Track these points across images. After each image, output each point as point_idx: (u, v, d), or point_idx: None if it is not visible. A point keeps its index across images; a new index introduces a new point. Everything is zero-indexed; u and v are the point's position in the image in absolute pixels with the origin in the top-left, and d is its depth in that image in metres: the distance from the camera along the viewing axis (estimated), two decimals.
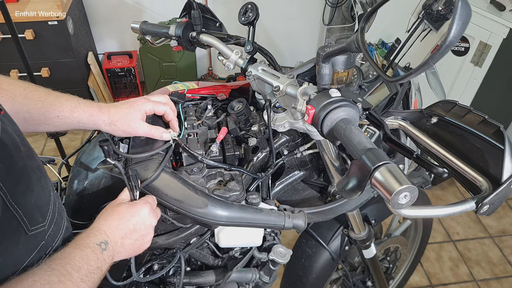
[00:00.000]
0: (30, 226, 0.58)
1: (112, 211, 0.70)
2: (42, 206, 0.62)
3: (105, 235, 0.66)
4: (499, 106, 2.31)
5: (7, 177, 0.53)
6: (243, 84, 1.06)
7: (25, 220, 0.57)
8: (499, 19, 1.93)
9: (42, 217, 0.61)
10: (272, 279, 0.99)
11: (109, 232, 0.67)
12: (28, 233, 0.58)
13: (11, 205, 0.54)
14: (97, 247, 0.63)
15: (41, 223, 0.61)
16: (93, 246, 0.62)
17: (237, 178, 0.86)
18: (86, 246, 0.62)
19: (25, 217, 0.57)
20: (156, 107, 0.85)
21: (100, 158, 0.90)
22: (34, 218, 0.59)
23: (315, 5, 3.21)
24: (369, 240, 1.25)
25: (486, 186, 0.64)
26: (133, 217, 0.70)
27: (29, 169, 0.59)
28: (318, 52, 0.74)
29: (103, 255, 0.63)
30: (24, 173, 0.58)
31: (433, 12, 1.16)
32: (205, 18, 1.10)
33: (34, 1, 2.53)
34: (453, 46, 0.50)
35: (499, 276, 2.14)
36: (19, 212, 0.55)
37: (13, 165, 0.55)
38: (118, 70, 2.99)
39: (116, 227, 0.68)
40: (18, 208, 0.55)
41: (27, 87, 0.76)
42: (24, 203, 0.57)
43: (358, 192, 0.62)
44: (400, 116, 0.84)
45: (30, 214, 0.58)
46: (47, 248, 0.63)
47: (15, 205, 0.54)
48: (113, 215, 0.69)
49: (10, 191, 0.53)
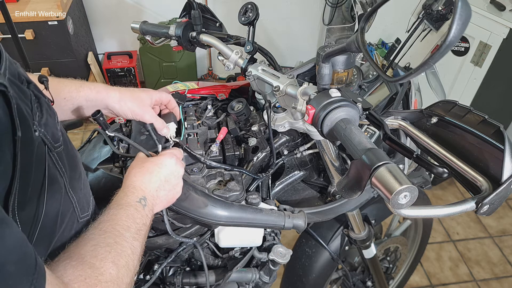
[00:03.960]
0: (81, 214, 0.60)
1: (141, 167, 0.70)
2: (87, 195, 0.65)
3: (141, 191, 0.66)
4: (499, 106, 2.31)
5: (67, 162, 0.55)
6: (243, 84, 1.06)
7: (78, 207, 0.59)
8: (499, 19, 1.93)
9: (87, 206, 0.64)
10: (272, 279, 0.99)
11: (144, 187, 0.67)
12: (79, 220, 0.60)
13: (69, 190, 0.56)
14: (138, 204, 0.64)
15: (87, 212, 0.64)
16: (135, 204, 0.64)
17: (237, 178, 0.86)
18: (129, 205, 0.63)
19: (78, 204, 0.59)
20: (163, 96, 0.87)
21: (100, 158, 0.90)
22: (83, 206, 0.62)
23: (315, 5, 3.21)
24: (369, 240, 1.25)
25: (486, 186, 0.64)
26: (162, 169, 0.71)
27: (78, 159, 0.62)
28: (318, 52, 0.74)
29: (145, 211, 0.65)
30: (76, 161, 0.60)
31: (433, 12, 1.16)
32: (205, 18, 1.10)
33: (34, 1, 2.53)
34: (453, 46, 0.50)
35: (499, 276, 2.14)
36: (74, 198, 0.57)
37: (69, 152, 0.58)
38: (118, 70, 2.99)
39: (149, 181, 0.68)
40: (73, 194, 0.57)
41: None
42: (77, 190, 0.59)
43: (358, 192, 0.62)
44: (400, 116, 0.84)
45: (81, 201, 0.61)
46: None
47: (71, 191, 0.57)
48: (143, 170, 0.69)
49: (68, 176, 0.56)
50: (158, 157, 0.73)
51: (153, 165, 0.71)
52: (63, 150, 0.55)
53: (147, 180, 0.68)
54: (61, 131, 0.56)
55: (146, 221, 0.64)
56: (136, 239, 0.59)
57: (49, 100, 0.56)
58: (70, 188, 0.57)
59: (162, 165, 0.71)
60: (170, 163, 0.72)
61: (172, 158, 0.73)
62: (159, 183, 0.69)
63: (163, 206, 0.73)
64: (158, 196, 0.69)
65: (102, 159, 0.88)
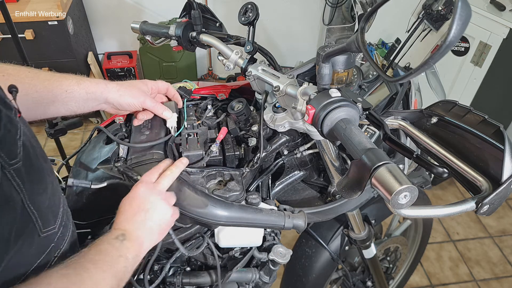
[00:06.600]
0: (43, 228, 0.58)
1: (122, 206, 0.71)
2: (54, 208, 0.63)
3: (118, 230, 0.66)
4: (499, 106, 2.31)
5: (27, 177, 0.54)
6: (243, 84, 1.06)
7: (39, 222, 0.57)
8: (499, 19, 1.93)
9: (54, 219, 0.62)
10: (272, 279, 0.99)
11: (119, 226, 0.67)
12: (41, 234, 0.58)
13: (28, 206, 0.54)
14: (114, 241, 0.63)
15: (53, 225, 0.62)
16: (109, 240, 0.63)
17: (237, 178, 0.86)
18: (101, 243, 0.62)
19: (40, 218, 0.57)
20: (159, 83, 0.90)
21: (100, 158, 0.90)
22: (47, 219, 0.60)
23: (315, 5, 3.21)
24: (369, 240, 1.25)
25: (486, 186, 0.64)
26: (132, 202, 0.70)
27: (45, 171, 0.60)
28: (318, 52, 0.74)
29: (124, 244, 0.64)
30: (41, 174, 0.59)
31: (433, 12, 1.16)
32: (205, 18, 1.10)
33: (34, 1, 2.53)
34: (453, 46, 0.50)
35: (499, 276, 2.14)
36: (34, 213, 0.56)
37: (32, 166, 0.56)
38: (118, 70, 2.99)
39: (123, 219, 0.68)
40: (34, 209, 0.55)
41: (31, 70, 0.78)
42: (40, 204, 0.57)
43: (358, 192, 0.62)
44: (400, 116, 0.84)
45: (44, 215, 0.59)
46: (56, 250, 0.63)
47: (31, 206, 0.55)
48: (117, 214, 0.70)
49: (29, 191, 0.54)
50: (130, 191, 0.72)
51: (130, 200, 0.70)
52: (23, 164, 0.53)
53: (127, 217, 0.68)
54: (23, 145, 0.53)
55: (127, 253, 0.63)
56: (104, 271, 0.58)
57: (16, 111, 0.54)
58: (30, 204, 0.54)
59: (136, 195, 0.70)
60: (141, 191, 0.71)
61: (140, 185, 0.72)
62: (140, 216, 0.69)
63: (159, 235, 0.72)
64: (145, 227, 0.69)
65: (102, 159, 0.88)
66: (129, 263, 0.63)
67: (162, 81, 0.91)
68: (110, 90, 0.82)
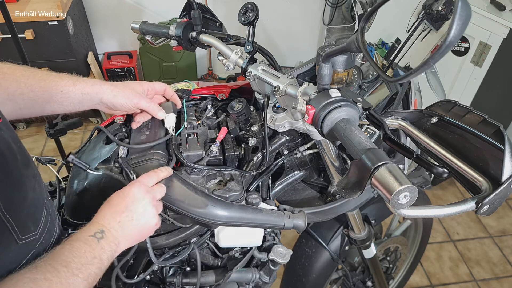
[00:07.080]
0: (21, 235, 0.57)
1: (111, 199, 0.69)
2: (35, 214, 0.61)
3: (98, 225, 0.64)
4: (499, 106, 2.31)
5: (2, 185, 0.53)
6: (243, 84, 1.06)
7: (16, 229, 0.56)
8: (499, 19, 1.93)
9: (34, 226, 0.61)
10: (272, 279, 0.99)
11: (102, 220, 0.65)
12: (19, 242, 0.57)
13: (3, 214, 0.53)
14: (90, 238, 0.61)
15: (33, 232, 0.60)
16: (85, 238, 0.61)
17: (237, 178, 0.86)
18: (76, 240, 0.60)
19: (17, 226, 0.56)
20: (156, 84, 0.90)
21: (100, 158, 0.90)
22: (26, 227, 0.58)
23: (315, 5, 3.21)
24: (369, 240, 1.25)
25: (486, 186, 0.64)
26: (123, 199, 0.68)
27: (24, 178, 0.59)
28: (318, 52, 0.74)
29: (100, 244, 0.62)
30: (19, 182, 0.57)
31: (433, 12, 1.16)
32: (205, 18, 1.10)
33: (34, 1, 2.53)
34: (453, 46, 0.50)
35: (499, 276, 2.14)
36: (10, 221, 0.54)
37: (9, 174, 0.55)
38: (118, 70, 2.99)
39: (109, 214, 0.66)
40: (10, 218, 0.54)
41: (28, 69, 0.78)
42: (17, 212, 0.56)
43: (358, 192, 0.62)
44: (400, 116, 0.84)
45: (22, 222, 0.57)
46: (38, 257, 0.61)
47: (7, 214, 0.54)
48: (104, 205, 0.68)
49: (4, 200, 0.53)
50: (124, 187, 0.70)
51: (114, 197, 0.69)
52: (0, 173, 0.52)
53: (107, 213, 0.66)
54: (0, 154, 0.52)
55: (102, 255, 0.61)
56: (76, 274, 0.56)
57: None
58: (6, 212, 0.53)
59: (123, 195, 0.69)
60: (131, 192, 0.69)
61: (133, 186, 0.70)
62: (120, 214, 0.67)
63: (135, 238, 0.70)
64: (123, 227, 0.66)
65: (102, 159, 0.88)
66: (103, 264, 0.62)
67: (159, 82, 0.91)
68: (105, 91, 0.82)
